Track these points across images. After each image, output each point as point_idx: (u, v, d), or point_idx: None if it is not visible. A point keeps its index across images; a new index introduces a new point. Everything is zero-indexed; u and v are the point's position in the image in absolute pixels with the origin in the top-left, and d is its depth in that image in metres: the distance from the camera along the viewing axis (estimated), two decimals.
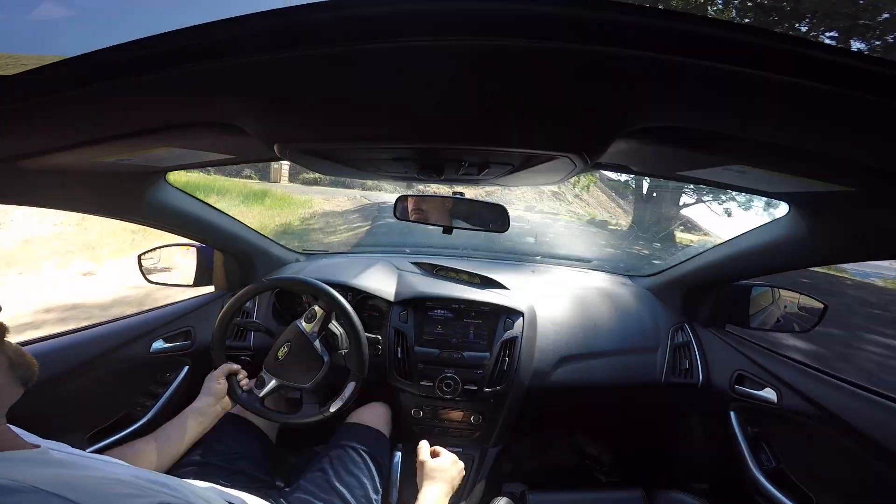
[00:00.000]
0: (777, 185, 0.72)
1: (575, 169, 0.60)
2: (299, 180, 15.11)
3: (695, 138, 0.49)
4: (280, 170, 14.88)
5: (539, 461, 1.62)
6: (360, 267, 1.41)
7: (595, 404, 1.36)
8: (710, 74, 0.34)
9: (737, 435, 1.13)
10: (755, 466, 1.07)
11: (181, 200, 1.12)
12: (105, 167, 0.81)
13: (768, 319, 1.23)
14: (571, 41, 0.33)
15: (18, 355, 0.50)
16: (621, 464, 1.53)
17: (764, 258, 1.04)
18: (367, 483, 0.95)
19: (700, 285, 1.33)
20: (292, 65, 0.38)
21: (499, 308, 1.27)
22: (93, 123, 0.54)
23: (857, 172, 0.50)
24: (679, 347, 1.30)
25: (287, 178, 15.03)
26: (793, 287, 1.21)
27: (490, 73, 0.38)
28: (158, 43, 0.37)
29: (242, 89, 0.44)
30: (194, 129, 0.57)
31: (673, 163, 0.68)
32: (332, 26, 0.33)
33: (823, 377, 1.00)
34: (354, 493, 0.91)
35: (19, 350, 0.51)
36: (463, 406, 1.23)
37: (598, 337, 1.30)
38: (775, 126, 0.43)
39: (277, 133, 0.56)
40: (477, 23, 0.32)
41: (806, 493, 0.99)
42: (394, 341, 1.24)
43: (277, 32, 0.35)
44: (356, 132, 0.53)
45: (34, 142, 0.59)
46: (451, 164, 0.66)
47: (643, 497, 1.08)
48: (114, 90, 0.43)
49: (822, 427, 0.96)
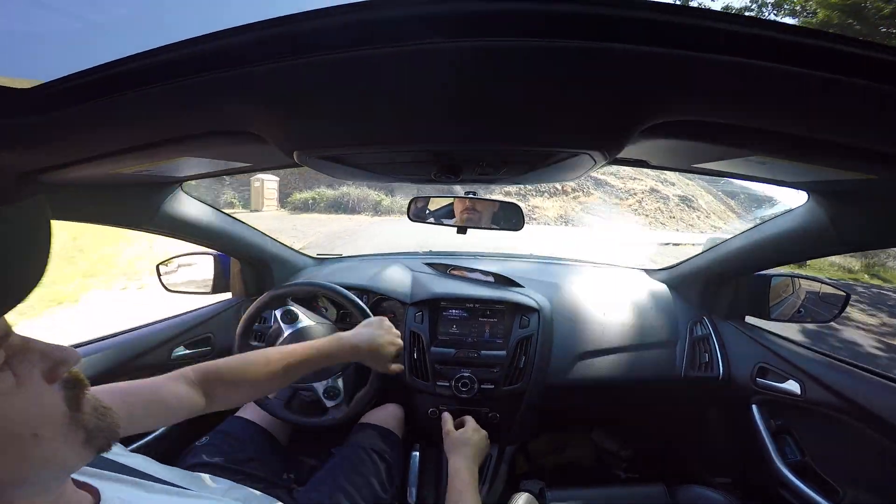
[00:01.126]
0: (796, 175, 0.71)
1: (594, 165, 0.60)
2: (289, 206, 12.19)
3: (714, 131, 0.49)
4: (262, 193, 11.59)
5: (556, 459, 1.62)
6: (375, 269, 1.42)
7: (614, 400, 1.35)
8: (730, 69, 0.34)
9: (759, 428, 1.12)
10: (779, 459, 1.06)
11: (197, 210, 1.13)
12: (124, 179, 0.83)
13: (788, 310, 1.21)
14: (589, 39, 0.33)
15: (99, 419, 0.38)
16: (641, 459, 1.52)
17: (783, 248, 1.02)
18: (375, 482, 0.95)
19: (718, 277, 1.32)
20: (310, 71, 0.39)
21: (514, 306, 1.27)
22: (114, 135, 0.55)
23: (879, 160, 0.49)
24: (698, 341, 1.28)
25: (276, 203, 12.24)
26: (813, 276, 1.19)
27: (509, 74, 0.38)
28: (177, 51, 0.38)
29: (261, 97, 0.45)
30: (213, 138, 0.57)
31: (692, 156, 0.68)
32: (349, 31, 0.34)
33: (849, 368, 0.98)
34: (362, 492, 0.91)
35: (101, 410, 0.38)
36: (480, 405, 1.23)
37: (615, 332, 1.29)
38: (796, 117, 0.43)
39: (296, 140, 0.56)
40: (496, 24, 0.32)
41: (833, 485, 0.97)
42: (410, 342, 1.24)
43: (294, 38, 0.35)
44: (374, 136, 0.53)
45: (56, 155, 0.60)
46: (470, 164, 0.67)
47: (665, 492, 1.07)
48: (133, 101, 0.44)
49: (848, 419, 0.95)
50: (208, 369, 0.70)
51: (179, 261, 1.39)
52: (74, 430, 0.36)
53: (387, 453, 1.04)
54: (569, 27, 0.32)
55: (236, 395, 0.73)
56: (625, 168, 4.30)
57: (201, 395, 0.67)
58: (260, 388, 0.75)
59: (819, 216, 0.84)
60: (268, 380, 0.74)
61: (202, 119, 0.52)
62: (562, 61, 0.36)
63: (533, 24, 0.32)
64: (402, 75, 0.38)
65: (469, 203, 1.02)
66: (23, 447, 0.32)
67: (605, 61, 0.35)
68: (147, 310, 3.28)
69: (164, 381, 0.65)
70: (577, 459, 1.61)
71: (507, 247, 3.45)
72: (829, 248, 0.91)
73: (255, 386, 0.74)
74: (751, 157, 0.58)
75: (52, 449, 0.34)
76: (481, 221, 1.03)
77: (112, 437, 0.39)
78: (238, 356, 0.75)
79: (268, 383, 0.75)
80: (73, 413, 0.36)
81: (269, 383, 0.75)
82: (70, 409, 0.36)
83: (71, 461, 0.36)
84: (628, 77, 0.38)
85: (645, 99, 0.42)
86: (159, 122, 0.52)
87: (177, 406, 0.64)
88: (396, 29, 0.33)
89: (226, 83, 0.41)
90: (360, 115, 0.48)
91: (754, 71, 0.34)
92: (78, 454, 0.36)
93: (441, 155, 0.62)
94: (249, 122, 0.52)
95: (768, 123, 0.45)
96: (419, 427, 1.26)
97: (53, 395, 0.35)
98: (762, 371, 1.15)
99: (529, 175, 0.72)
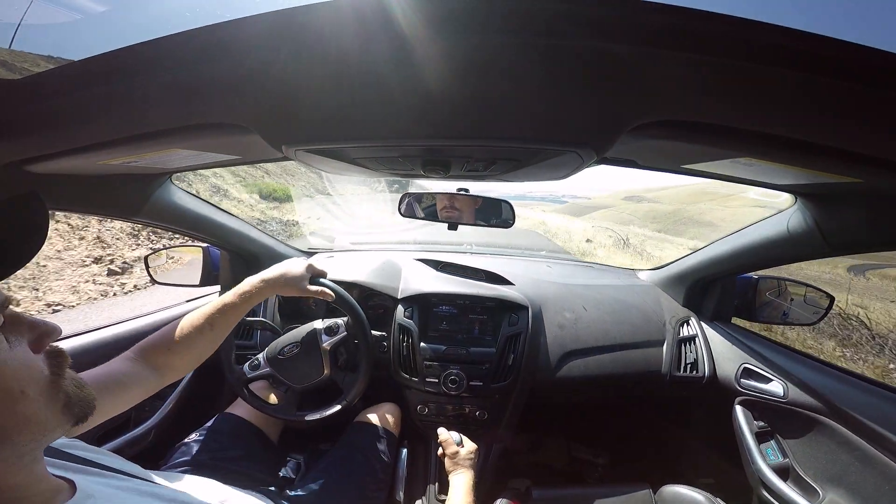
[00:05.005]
0: (784, 178, 0.72)
1: (582, 164, 0.60)
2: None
3: (703, 132, 0.49)
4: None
5: (531, 459, 1.62)
6: (366, 264, 1.41)
7: (600, 399, 1.36)
8: (718, 69, 0.34)
9: (743, 429, 1.13)
10: (761, 460, 1.07)
11: (187, 201, 1.12)
12: (112, 170, 0.82)
13: (775, 312, 1.22)
14: (578, 38, 0.33)
15: (77, 388, 0.42)
16: (620, 464, 1.53)
17: (770, 251, 1.03)
18: (369, 481, 0.95)
19: (705, 279, 1.33)
20: (299, 65, 0.38)
21: (503, 303, 1.27)
22: (100, 126, 0.54)
23: (865, 164, 0.50)
24: (684, 341, 1.30)
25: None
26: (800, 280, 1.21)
27: (497, 70, 0.38)
28: (166, 44, 0.37)
29: (250, 90, 0.44)
30: (202, 131, 0.57)
31: (680, 156, 0.68)
32: (336, 26, 0.34)
33: (831, 370, 1.00)
34: (355, 492, 0.91)
35: (79, 382, 0.43)
36: (468, 402, 1.23)
37: (603, 332, 1.30)
38: (783, 119, 0.43)
39: (285, 133, 0.56)
40: (485, 21, 0.32)
41: (813, 487, 0.99)
42: (399, 338, 1.24)
43: (284, 33, 0.35)
44: (363, 131, 0.53)
45: (42, 145, 0.59)
46: (458, 160, 0.66)
47: (649, 492, 1.08)
48: (121, 92, 0.43)
49: (829, 421, 0.96)
50: (145, 343, 0.72)
51: (168, 253, 1.38)
52: (56, 393, 0.40)
53: (382, 453, 1.04)
54: (557, 25, 0.32)
55: (177, 359, 0.73)
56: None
57: (147, 369, 0.68)
58: (195, 347, 0.75)
59: (806, 220, 0.85)
60: (198, 336, 0.75)
61: (191, 112, 0.51)
62: (549, 59, 0.36)
63: (522, 21, 0.32)
64: (387, 72, 0.38)
65: (459, 200, 1.02)
66: (13, 402, 0.36)
67: (592, 59, 0.35)
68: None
69: (113, 364, 0.67)
70: (551, 461, 1.61)
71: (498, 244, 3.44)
72: (815, 251, 0.92)
73: (189, 346, 0.74)
74: (739, 159, 0.59)
75: (35, 407, 0.38)
76: (471, 218, 1.03)
77: (88, 409, 0.43)
78: (168, 325, 0.75)
79: (201, 340, 0.75)
80: (54, 378, 0.40)
81: (202, 340, 0.75)
82: (52, 374, 0.40)
83: (51, 425, 0.39)
84: (616, 75, 0.38)
85: (633, 97, 0.42)
86: (147, 114, 0.52)
87: (130, 384, 0.65)
88: (385, 24, 0.33)
89: (215, 76, 0.41)
90: (348, 110, 0.48)
91: (742, 72, 0.34)
92: (57, 419, 0.40)
93: (429, 150, 0.62)
94: (238, 116, 0.51)
95: (756, 125, 0.45)
96: (408, 423, 1.25)
97: (39, 362, 0.40)
98: (747, 372, 1.17)
99: (518, 172, 0.72)
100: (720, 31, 0.32)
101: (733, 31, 0.31)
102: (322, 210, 13.54)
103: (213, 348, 0.79)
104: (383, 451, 1.04)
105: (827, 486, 0.97)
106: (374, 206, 14.68)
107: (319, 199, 15.35)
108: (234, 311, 0.79)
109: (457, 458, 0.94)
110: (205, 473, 0.70)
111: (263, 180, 13.54)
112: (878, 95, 0.34)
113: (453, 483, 0.90)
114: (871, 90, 0.33)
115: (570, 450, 1.60)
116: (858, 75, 0.32)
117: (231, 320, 0.80)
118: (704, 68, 0.35)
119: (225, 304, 0.78)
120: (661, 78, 0.38)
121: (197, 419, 1.07)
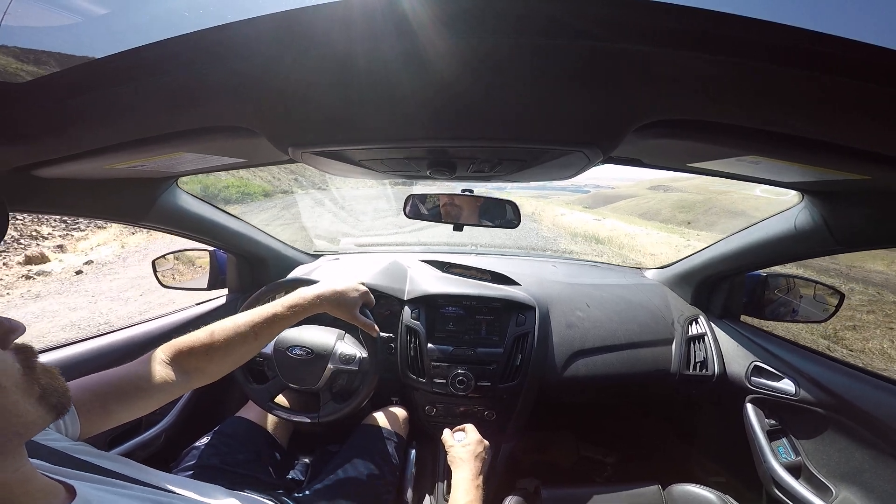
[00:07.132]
0: (790, 175, 0.71)
1: (588, 163, 0.60)
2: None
3: (709, 130, 0.49)
4: None
5: (539, 458, 1.62)
6: (372, 266, 1.42)
7: (609, 399, 1.36)
8: (723, 68, 0.34)
9: (754, 427, 1.12)
10: (773, 459, 1.06)
11: (193, 205, 1.13)
12: (118, 174, 0.83)
13: (784, 310, 1.21)
14: (585, 39, 0.33)
15: (50, 380, 0.43)
16: (629, 463, 1.52)
17: (778, 248, 1.03)
18: (378, 483, 0.95)
19: (713, 277, 1.32)
20: (306, 67, 0.39)
21: (510, 303, 1.27)
22: (107, 130, 0.55)
23: (872, 161, 0.50)
24: (693, 339, 1.29)
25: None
26: (809, 276, 1.19)
27: (505, 71, 0.38)
28: (172, 46, 0.37)
29: (256, 92, 0.45)
30: (209, 134, 0.57)
31: (686, 155, 0.68)
32: (344, 26, 0.34)
33: (842, 367, 0.99)
34: (363, 493, 0.91)
35: (51, 373, 0.44)
36: (477, 402, 1.23)
37: (611, 331, 1.29)
38: (791, 118, 0.43)
39: (291, 136, 0.56)
40: (491, 22, 0.32)
41: (826, 485, 0.98)
42: (406, 339, 1.24)
43: (291, 34, 0.35)
44: (370, 133, 0.53)
45: (50, 150, 0.60)
46: (464, 161, 0.67)
47: (659, 490, 1.08)
48: (127, 95, 0.43)
49: (841, 418, 0.95)
50: (178, 344, 0.69)
51: (175, 256, 1.39)
52: (30, 385, 0.40)
53: (391, 455, 1.03)
54: (565, 26, 0.32)
55: (211, 365, 0.71)
56: None
57: (176, 373, 0.66)
58: (234, 354, 0.73)
59: (813, 217, 0.85)
60: (241, 343, 0.72)
61: (198, 115, 0.52)
62: (557, 59, 0.36)
63: (532, 22, 0.32)
64: (398, 71, 0.38)
65: (465, 200, 1.02)
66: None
67: (599, 60, 0.35)
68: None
69: (136, 366, 0.64)
70: (560, 460, 1.61)
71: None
72: (823, 248, 0.92)
73: (229, 352, 0.72)
74: (745, 158, 0.59)
75: (13, 400, 0.38)
76: (477, 219, 1.03)
77: (64, 399, 0.43)
78: (206, 327, 0.73)
79: (243, 347, 0.73)
80: (26, 371, 0.41)
81: (244, 347, 0.73)
82: (23, 367, 0.41)
83: (30, 416, 0.40)
84: (623, 76, 0.38)
85: (639, 97, 0.42)
86: (154, 118, 0.52)
87: (153, 389, 0.63)
88: (396, 24, 0.33)
89: (222, 79, 0.41)
90: (355, 112, 0.48)
91: (750, 72, 0.34)
92: (36, 410, 0.40)
93: (435, 152, 0.62)
94: (244, 118, 0.52)
95: (763, 124, 0.45)
96: (416, 424, 1.26)
97: (8, 357, 0.40)
98: (757, 370, 1.16)
99: (524, 173, 0.72)
100: (728, 31, 0.31)
101: (741, 30, 0.31)
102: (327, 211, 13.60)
103: (250, 357, 0.77)
104: (391, 453, 1.04)
105: (840, 483, 0.96)
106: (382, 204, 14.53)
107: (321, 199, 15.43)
108: (282, 322, 0.78)
109: (452, 453, 0.93)
110: (214, 478, 0.70)
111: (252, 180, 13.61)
112: (888, 93, 0.33)
113: (453, 480, 0.88)
114: (880, 88, 0.33)
115: (578, 449, 1.60)
116: (868, 73, 0.32)
117: (276, 331, 0.78)
118: (712, 68, 0.34)
119: (274, 315, 0.76)
120: (667, 77, 0.37)
121: (208, 422, 1.08)
